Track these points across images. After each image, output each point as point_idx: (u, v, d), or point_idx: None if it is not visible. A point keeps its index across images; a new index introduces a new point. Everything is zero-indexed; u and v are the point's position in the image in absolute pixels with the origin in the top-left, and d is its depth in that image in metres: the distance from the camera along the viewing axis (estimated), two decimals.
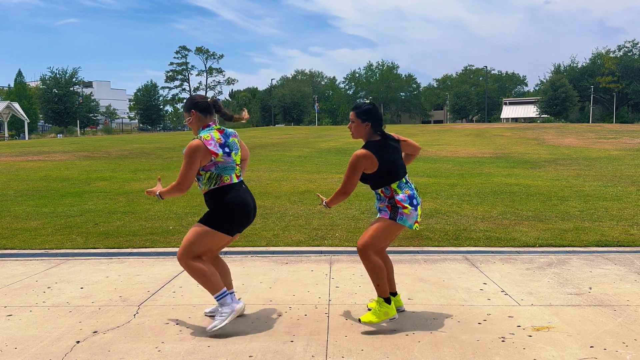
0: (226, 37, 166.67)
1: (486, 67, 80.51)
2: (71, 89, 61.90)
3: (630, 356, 3.12)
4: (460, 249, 5.80)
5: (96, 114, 67.83)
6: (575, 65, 73.41)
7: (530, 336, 3.42)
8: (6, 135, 48.72)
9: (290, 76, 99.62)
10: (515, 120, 68.73)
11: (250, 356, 3.16)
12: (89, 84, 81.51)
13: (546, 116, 63.03)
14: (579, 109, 69.09)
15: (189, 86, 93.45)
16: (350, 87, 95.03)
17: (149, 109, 72.54)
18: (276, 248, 5.93)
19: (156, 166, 15.96)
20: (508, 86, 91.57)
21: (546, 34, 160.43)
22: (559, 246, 5.91)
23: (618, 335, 3.43)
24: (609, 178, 11.95)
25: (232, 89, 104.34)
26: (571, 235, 6.34)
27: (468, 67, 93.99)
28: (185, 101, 3.71)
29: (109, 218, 7.69)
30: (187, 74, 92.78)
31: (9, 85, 69.08)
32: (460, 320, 3.71)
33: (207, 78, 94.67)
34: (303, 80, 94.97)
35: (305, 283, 4.63)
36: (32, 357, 3.18)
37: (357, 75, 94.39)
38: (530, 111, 69.24)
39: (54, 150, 22.96)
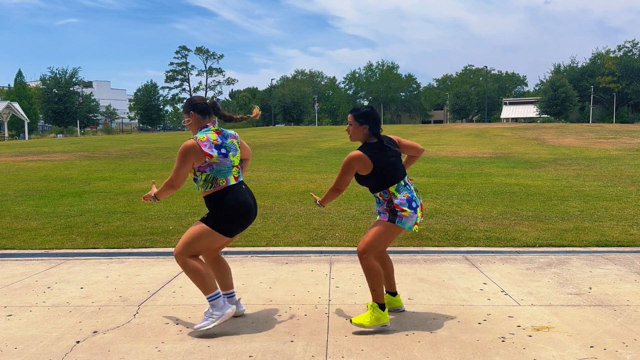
0: (226, 37, 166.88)
1: (486, 67, 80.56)
2: (71, 89, 61.88)
3: (630, 356, 3.12)
4: (460, 249, 5.80)
5: (96, 114, 67.80)
6: (575, 65, 73.45)
7: (530, 336, 3.42)
8: (6, 135, 48.72)
9: (290, 76, 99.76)
10: (515, 120, 68.75)
11: (250, 356, 3.16)
12: (89, 84, 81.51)
13: (546, 116, 63.05)
14: (579, 109, 69.11)
15: (189, 86, 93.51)
16: (350, 87, 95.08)
17: (149, 109, 72.53)
18: (276, 248, 5.93)
19: (156, 166, 15.96)
20: (508, 86, 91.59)
21: (546, 34, 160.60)
22: (559, 246, 5.91)
23: (618, 335, 3.43)
24: (609, 178, 11.95)
25: (232, 89, 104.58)
26: (571, 235, 6.34)
27: (468, 67, 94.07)
28: (184, 102, 3.73)
29: (109, 218, 7.69)
30: (187, 74, 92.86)
31: (9, 85, 69.09)
32: (460, 320, 3.71)
33: (207, 78, 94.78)
34: (303, 80, 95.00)
35: (305, 283, 4.63)
36: (32, 357, 3.19)
37: (357, 75, 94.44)
38: (530, 111, 69.27)
39: (54, 150, 22.97)
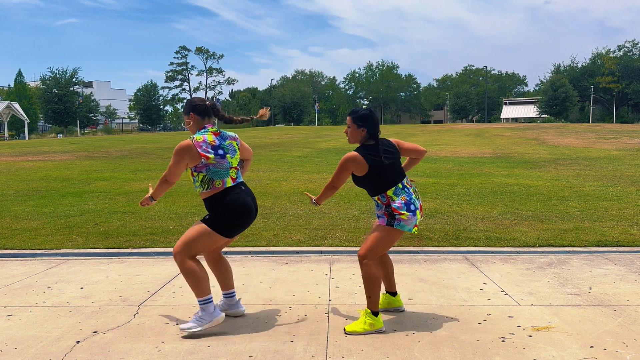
0: (226, 37, 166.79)
1: (486, 67, 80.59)
2: (71, 89, 61.86)
3: (630, 356, 3.12)
4: (460, 249, 5.80)
5: (96, 114, 67.78)
6: (575, 65, 73.45)
7: (530, 336, 3.42)
8: (6, 135, 48.71)
9: (290, 76, 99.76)
10: (515, 120, 68.74)
11: (250, 356, 3.16)
12: (89, 84, 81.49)
13: (546, 116, 63.05)
14: (579, 109, 69.12)
15: (189, 86, 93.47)
16: (350, 87, 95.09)
17: (149, 109, 72.51)
18: (276, 248, 5.93)
19: (156, 166, 15.96)
20: (508, 86, 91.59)
21: (546, 34, 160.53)
22: (559, 246, 5.91)
23: (618, 335, 3.43)
24: (609, 178, 11.95)
25: (232, 89, 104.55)
26: (571, 235, 6.34)
27: (468, 67, 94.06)
28: (184, 104, 3.73)
29: (109, 218, 7.69)
30: (187, 74, 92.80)
31: (9, 85, 69.08)
32: (460, 320, 3.71)
33: (207, 78, 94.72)
34: (303, 80, 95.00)
35: (305, 283, 4.63)
36: (32, 357, 3.19)
37: (357, 75, 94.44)
38: (530, 111, 69.27)
39: (54, 150, 22.97)
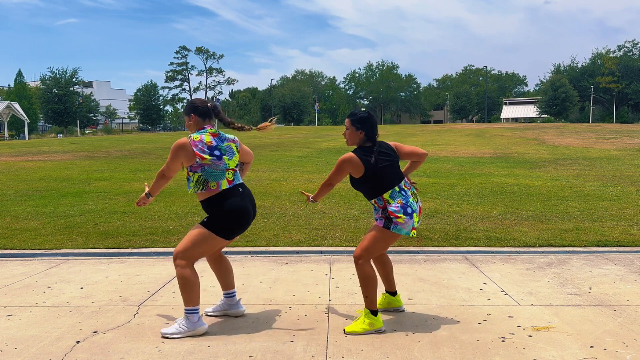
0: (226, 37, 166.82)
1: (486, 67, 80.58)
2: (71, 89, 61.85)
3: (630, 356, 3.12)
4: (460, 249, 5.80)
5: (96, 114, 67.77)
6: (575, 65, 73.45)
7: (530, 336, 3.42)
8: (6, 135, 48.71)
9: (290, 76, 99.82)
10: (515, 120, 68.74)
11: (250, 356, 3.16)
12: (89, 84, 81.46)
13: (546, 116, 63.05)
14: (579, 109, 69.12)
15: (189, 86, 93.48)
16: (350, 87, 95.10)
17: (149, 109, 72.50)
18: (276, 248, 5.93)
19: (156, 166, 15.96)
20: (508, 86, 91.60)
21: (546, 34, 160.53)
22: (559, 246, 5.91)
23: (618, 335, 3.43)
24: (609, 178, 11.95)
25: (232, 89, 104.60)
26: (571, 235, 6.34)
27: (468, 67, 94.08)
28: (185, 104, 3.73)
29: (109, 218, 7.69)
30: (187, 74, 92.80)
31: (9, 85, 69.06)
32: (460, 320, 3.71)
33: (207, 78, 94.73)
34: (303, 80, 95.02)
35: (305, 283, 4.63)
36: (32, 357, 3.19)
37: (357, 75, 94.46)
38: (530, 111, 69.26)
39: (54, 150, 22.96)
